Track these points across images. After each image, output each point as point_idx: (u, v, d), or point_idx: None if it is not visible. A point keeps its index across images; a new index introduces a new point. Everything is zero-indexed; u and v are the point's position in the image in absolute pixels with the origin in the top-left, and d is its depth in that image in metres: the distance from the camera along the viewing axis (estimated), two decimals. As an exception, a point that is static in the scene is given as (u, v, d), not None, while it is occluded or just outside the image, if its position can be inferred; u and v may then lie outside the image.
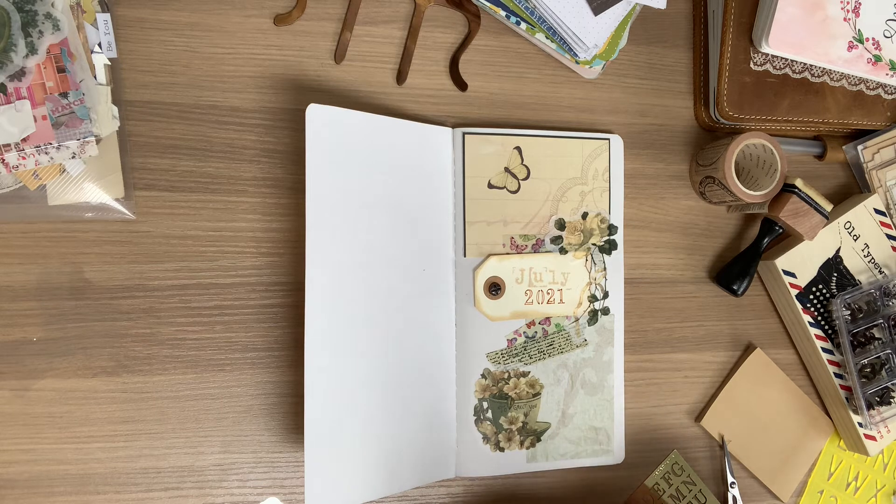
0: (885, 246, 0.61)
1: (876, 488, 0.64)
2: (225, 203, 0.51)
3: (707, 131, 0.61)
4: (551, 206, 0.55)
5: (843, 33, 0.56)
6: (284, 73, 0.52)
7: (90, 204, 0.48)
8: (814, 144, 0.62)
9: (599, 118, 0.58)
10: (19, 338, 0.48)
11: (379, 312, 0.50)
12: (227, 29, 0.51)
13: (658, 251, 0.60)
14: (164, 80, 0.50)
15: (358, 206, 0.49)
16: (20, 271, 0.48)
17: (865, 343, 0.59)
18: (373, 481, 0.49)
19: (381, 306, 0.50)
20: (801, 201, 0.56)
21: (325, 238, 0.47)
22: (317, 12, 0.53)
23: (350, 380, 0.48)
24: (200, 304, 0.50)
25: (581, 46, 0.54)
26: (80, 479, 0.49)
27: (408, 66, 0.54)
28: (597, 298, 0.57)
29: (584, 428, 0.56)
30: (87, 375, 0.49)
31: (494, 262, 0.54)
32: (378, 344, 0.49)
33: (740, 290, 0.58)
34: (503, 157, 0.54)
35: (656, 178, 0.60)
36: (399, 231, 0.51)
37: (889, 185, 0.61)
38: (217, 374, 0.51)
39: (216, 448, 0.51)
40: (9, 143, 0.44)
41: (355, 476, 0.48)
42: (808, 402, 0.62)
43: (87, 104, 0.45)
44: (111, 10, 0.49)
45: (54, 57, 0.45)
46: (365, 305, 0.49)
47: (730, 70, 0.56)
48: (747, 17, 0.56)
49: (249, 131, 0.52)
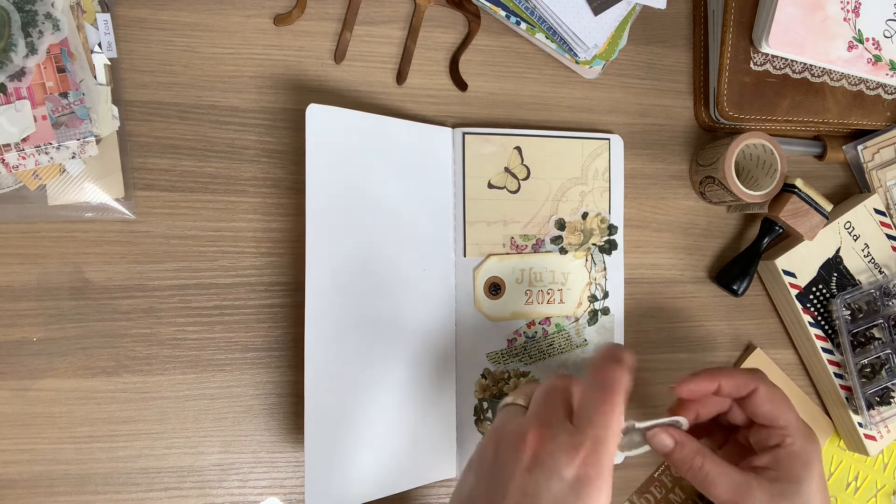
0: (885, 246, 0.61)
1: (876, 488, 0.64)
2: (225, 203, 0.51)
3: (707, 131, 0.61)
4: (551, 206, 0.55)
5: (843, 33, 0.56)
6: (284, 73, 0.52)
7: (90, 204, 0.48)
8: (814, 144, 0.62)
9: (599, 118, 0.58)
10: (19, 338, 0.48)
11: (379, 312, 0.50)
12: (227, 29, 0.51)
13: (658, 251, 0.60)
14: (164, 80, 0.50)
15: (358, 206, 0.49)
16: (20, 271, 0.48)
17: (865, 343, 0.59)
18: (373, 481, 0.49)
19: (380, 306, 0.50)
20: (801, 201, 0.56)
21: (324, 238, 0.47)
22: (317, 12, 0.53)
23: (350, 380, 0.48)
24: (200, 304, 0.50)
25: (581, 46, 0.54)
26: (80, 479, 0.49)
27: (408, 66, 0.54)
28: (597, 298, 0.57)
29: (584, 428, 0.56)
30: (87, 375, 0.49)
31: (494, 262, 0.54)
32: (378, 344, 0.49)
33: (740, 290, 0.58)
34: (503, 157, 0.54)
35: (656, 178, 0.60)
36: (399, 231, 0.51)
37: (889, 185, 0.61)
38: (217, 374, 0.51)
39: (216, 448, 0.51)
40: (9, 143, 0.44)
41: (355, 476, 0.48)
42: (808, 402, 0.62)
43: (87, 104, 0.45)
44: (111, 10, 0.49)
45: (54, 57, 0.45)
46: (365, 305, 0.49)
47: (730, 70, 0.56)
48: (747, 17, 0.56)
49: (249, 131, 0.52)
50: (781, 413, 0.48)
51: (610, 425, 0.37)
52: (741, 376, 0.49)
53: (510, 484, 0.37)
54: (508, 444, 0.38)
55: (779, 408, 0.48)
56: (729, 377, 0.49)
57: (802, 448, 0.47)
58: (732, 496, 0.45)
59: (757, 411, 0.48)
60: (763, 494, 0.45)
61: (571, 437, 0.37)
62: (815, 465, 0.46)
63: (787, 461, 0.46)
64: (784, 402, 0.48)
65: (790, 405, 0.48)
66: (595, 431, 0.37)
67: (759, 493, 0.45)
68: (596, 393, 0.38)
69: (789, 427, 0.47)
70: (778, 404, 0.48)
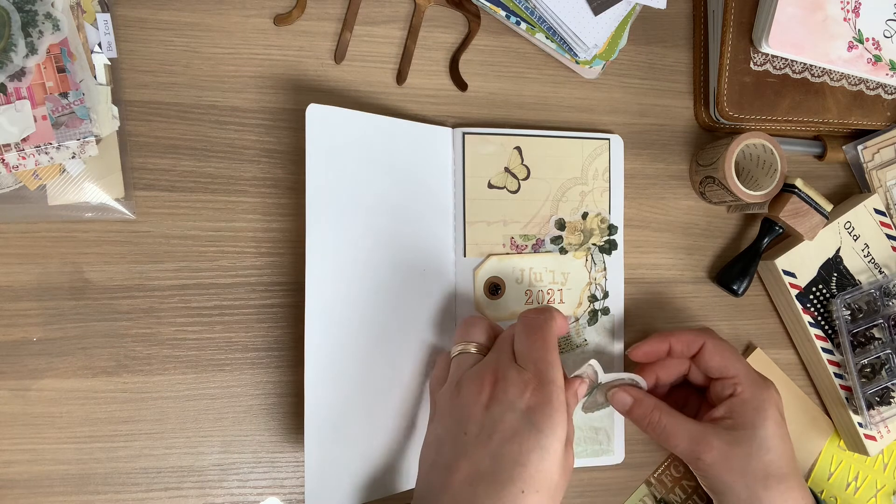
0: (885, 246, 0.61)
1: (876, 488, 0.64)
2: (225, 203, 0.51)
3: (707, 131, 0.61)
4: (551, 206, 0.55)
5: (843, 33, 0.56)
6: (284, 73, 0.52)
7: (90, 204, 0.48)
8: (814, 144, 0.62)
9: (599, 118, 0.58)
10: (19, 338, 0.48)
11: (379, 312, 0.50)
12: (227, 29, 0.51)
13: (658, 251, 0.60)
14: (164, 80, 0.50)
15: (358, 206, 0.49)
16: (20, 271, 0.48)
17: (865, 343, 0.59)
18: (373, 481, 0.49)
19: (380, 306, 0.50)
20: (801, 201, 0.56)
21: (324, 238, 0.47)
22: (317, 12, 0.53)
23: (350, 380, 0.48)
24: (200, 304, 0.50)
25: (581, 46, 0.54)
26: (80, 479, 0.49)
27: (408, 66, 0.54)
28: (597, 298, 0.57)
29: (584, 428, 0.56)
30: (87, 375, 0.49)
31: (494, 262, 0.54)
32: (378, 344, 0.49)
33: (740, 290, 0.58)
34: (503, 157, 0.54)
35: (656, 178, 0.60)
36: (399, 231, 0.51)
37: (889, 185, 0.61)
38: (217, 374, 0.51)
39: (216, 448, 0.51)
40: (9, 143, 0.44)
41: (355, 476, 0.48)
42: (808, 402, 0.62)
43: (87, 104, 0.46)
44: (111, 10, 0.49)
45: (54, 57, 0.45)
46: (365, 305, 0.49)
47: (730, 70, 0.56)
48: (747, 17, 0.56)
49: (249, 131, 0.52)
50: (730, 363, 0.51)
51: (546, 357, 0.43)
52: (689, 335, 0.53)
53: (471, 421, 0.42)
54: (468, 387, 0.43)
55: (727, 359, 0.51)
56: (678, 337, 0.52)
57: (753, 394, 0.49)
58: (690, 445, 0.49)
59: (708, 365, 0.52)
60: (719, 442, 0.48)
61: (519, 374, 0.43)
62: (769, 411, 0.49)
63: (740, 408, 0.49)
64: (732, 354, 0.51)
65: (738, 356, 0.51)
66: (536, 366, 0.43)
67: (715, 441, 0.48)
68: (528, 335, 0.44)
69: (739, 376, 0.50)
70: (726, 356, 0.51)
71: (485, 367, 0.44)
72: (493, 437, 0.41)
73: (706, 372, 0.52)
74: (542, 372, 0.43)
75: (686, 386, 0.55)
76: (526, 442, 0.40)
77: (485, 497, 0.39)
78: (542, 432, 0.40)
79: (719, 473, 0.48)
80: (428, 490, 0.42)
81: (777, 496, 0.47)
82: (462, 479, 0.40)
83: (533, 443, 0.40)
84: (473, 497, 0.39)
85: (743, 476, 0.47)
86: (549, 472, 0.40)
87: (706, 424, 0.49)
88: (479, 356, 0.46)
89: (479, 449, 0.41)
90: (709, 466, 0.48)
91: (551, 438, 0.40)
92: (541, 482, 0.40)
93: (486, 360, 0.45)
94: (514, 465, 0.40)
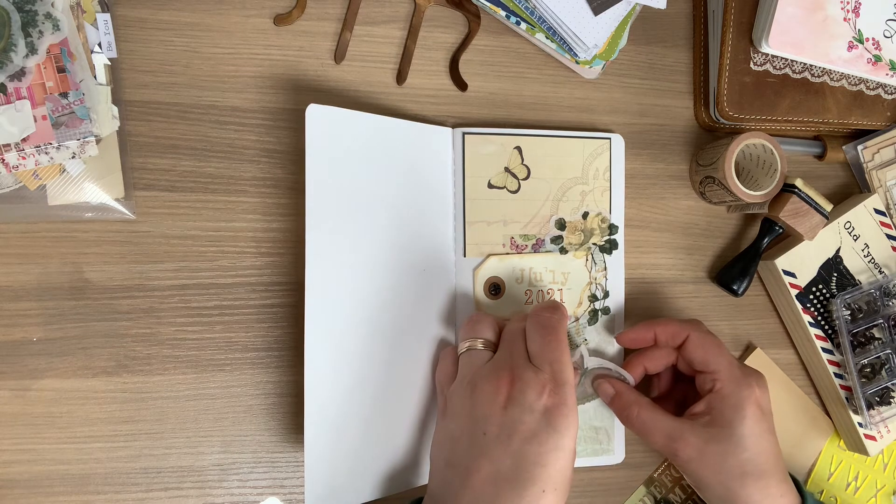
0: (885, 246, 0.61)
1: (876, 488, 0.64)
2: (225, 203, 0.51)
3: (707, 131, 0.61)
4: (551, 206, 0.55)
5: (843, 33, 0.56)
6: (284, 73, 0.52)
7: (90, 204, 0.48)
8: (814, 144, 0.62)
9: (599, 118, 0.58)
10: (19, 338, 0.48)
11: (379, 312, 0.50)
12: (227, 29, 0.51)
13: (658, 251, 0.60)
14: (164, 80, 0.50)
15: (357, 206, 0.49)
16: (20, 271, 0.48)
17: (865, 343, 0.59)
18: (373, 481, 0.49)
19: (380, 306, 0.50)
20: (801, 201, 0.56)
21: (324, 238, 0.47)
22: (317, 12, 0.53)
23: (350, 380, 0.48)
24: (200, 304, 0.50)
25: (581, 46, 0.54)
26: (80, 479, 0.49)
27: (408, 66, 0.54)
28: (597, 298, 0.57)
29: (584, 427, 0.56)
30: (87, 375, 0.49)
31: (494, 262, 0.54)
32: (378, 344, 0.49)
33: (740, 290, 0.58)
34: (503, 157, 0.54)
35: (656, 178, 0.60)
36: (399, 231, 0.51)
37: (889, 185, 0.61)
38: (217, 374, 0.51)
39: (216, 448, 0.51)
40: (9, 143, 0.44)
41: (355, 476, 0.48)
42: (808, 402, 0.62)
43: (87, 104, 0.45)
44: (111, 10, 0.49)
45: (54, 57, 0.45)
46: (365, 305, 0.49)
47: (730, 70, 0.56)
48: (747, 17, 0.56)
49: (249, 131, 0.52)
50: (712, 358, 0.50)
51: (561, 359, 0.44)
52: (674, 325, 0.53)
53: (489, 421, 0.42)
54: (484, 387, 0.43)
55: (709, 353, 0.51)
56: (663, 327, 0.53)
57: (732, 391, 0.49)
58: (667, 442, 0.49)
59: (691, 357, 0.51)
60: (695, 439, 0.48)
61: (536, 375, 0.43)
62: (748, 409, 0.48)
63: (718, 405, 0.49)
64: (715, 348, 0.51)
65: (723, 350, 0.51)
66: (552, 367, 0.43)
67: (692, 438, 0.48)
68: (542, 335, 0.45)
69: (719, 371, 0.50)
70: (709, 349, 0.51)
71: (500, 366, 0.44)
72: (513, 437, 0.41)
73: (690, 364, 0.52)
74: (557, 373, 0.43)
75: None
76: (545, 443, 0.41)
77: (507, 497, 0.40)
78: (559, 433, 0.42)
79: (696, 470, 0.48)
80: (445, 488, 0.43)
81: (755, 493, 0.47)
82: (483, 479, 0.41)
83: (552, 444, 0.41)
84: (496, 497, 0.40)
85: (718, 474, 0.47)
86: (565, 470, 0.42)
87: (684, 421, 0.49)
88: (489, 353, 0.46)
89: (500, 449, 0.41)
90: (685, 463, 0.48)
91: (567, 438, 0.42)
92: (558, 480, 0.41)
93: (499, 358, 0.45)
94: (534, 465, 0.41)
